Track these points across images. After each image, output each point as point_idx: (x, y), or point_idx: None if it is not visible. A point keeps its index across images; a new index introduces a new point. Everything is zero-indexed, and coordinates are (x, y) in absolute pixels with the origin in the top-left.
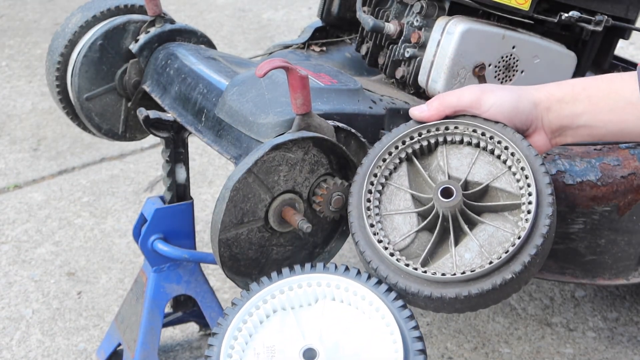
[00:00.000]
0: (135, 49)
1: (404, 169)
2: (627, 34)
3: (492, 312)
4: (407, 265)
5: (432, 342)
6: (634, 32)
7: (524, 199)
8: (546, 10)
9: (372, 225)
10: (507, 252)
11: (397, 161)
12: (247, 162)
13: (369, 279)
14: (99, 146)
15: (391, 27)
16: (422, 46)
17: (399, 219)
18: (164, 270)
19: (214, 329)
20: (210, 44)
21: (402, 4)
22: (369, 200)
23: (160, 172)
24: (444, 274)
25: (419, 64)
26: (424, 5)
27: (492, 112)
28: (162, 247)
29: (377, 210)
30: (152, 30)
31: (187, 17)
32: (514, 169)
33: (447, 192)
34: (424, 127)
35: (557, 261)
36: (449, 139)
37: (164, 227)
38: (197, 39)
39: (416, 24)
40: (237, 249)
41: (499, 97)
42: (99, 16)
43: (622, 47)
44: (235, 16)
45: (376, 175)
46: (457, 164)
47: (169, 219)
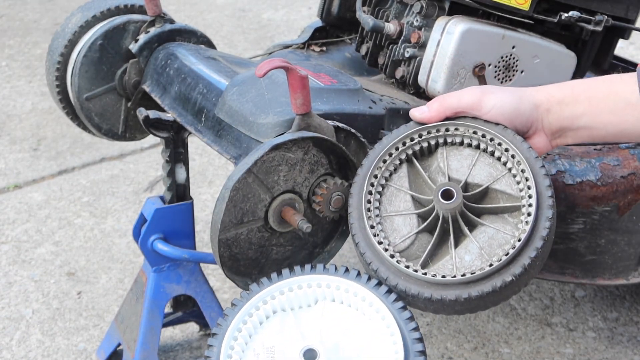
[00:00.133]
0: (135, 49)
1: (404, 170)
2: (627, 34)
3: (492, 312)
4: (408, 267)
5: (432, 342)
6: (634, 32)
7: (524, 201)
8: (546, 10)
9: (372, 226)
10: (507, 255)
11: (398, 162)
12: (247, 162)
13: (369, 280)
14: (99, 146)
15: (391, 27)
16: (422, 46)
17: (399, 220)
18: (164, 270)
19: (213, 329)
20: (210, 44)
21: (402, 4)
22: (369, 201)
23: (160, 172)
24: (444, 276)
25: (419, 64)
26: (424, 5)
27: (493, 113)
28: (162, 247)
29: (377, 211)
30: (152, 30)
31: (187, 17)
32: (514, 171)
33: (447, 194)
34: (424, 129)
35: (557, 261)
36: (449, 140)
37: (163, 227)
38: (197, 39)
39: (416, 23)
40: (236, 249)
41: (500, 99)
42: (99, 16)
43: (622, 47)
44: (235, 16)
45: (376, 176)
46: (457, 166)
47: (169, 219)
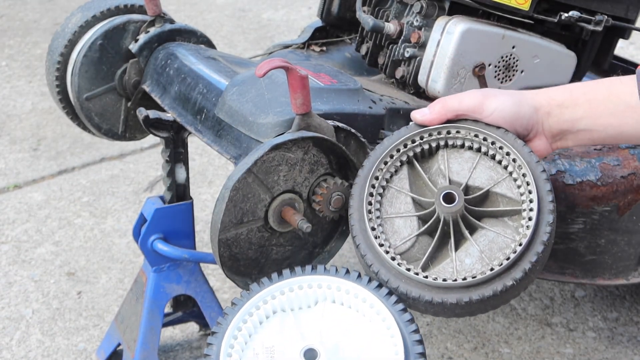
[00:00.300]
0: (135, 48)
1: (404, 172)
2: (627, 34)
3: (492, 312)
4: (409, 270)
5: (432, 342)
6: (634, 32)
7: (524, 205)
8: (546, 10)
9: (373, 228)
10: (508, 259)
11: (398, 164)
12: (247, 162)
13: (370, 282)
14: (99, 146)
15: (391, 27)
16: (422, 46)
17: (400, 222)
18: (163, 270)
19: (213, 328)
20: (210, 44)
21: (402, 3)
22: (370, 203)
23: (160, 172)
24: (445, 280)
25: (419, 63)
26: (424, 5)
27: (494, 117)
28: (162, 247)
29: (378, 213)
30: (152, 30)
31: (187, 17)
32: (515, 175)
33: (449, 198)
34: (425, 131)
35: (557, 261)
36: (451, 143)
37: (163, 227)
38: (196, 38)
39: (416, 23)
40: (236, 249)
41: (501, 102)
42: (99, 16)
43: (622, 47)
44: (235, 16)
45: (377, 178)
46: (458, 168)
47: (169, 219)
